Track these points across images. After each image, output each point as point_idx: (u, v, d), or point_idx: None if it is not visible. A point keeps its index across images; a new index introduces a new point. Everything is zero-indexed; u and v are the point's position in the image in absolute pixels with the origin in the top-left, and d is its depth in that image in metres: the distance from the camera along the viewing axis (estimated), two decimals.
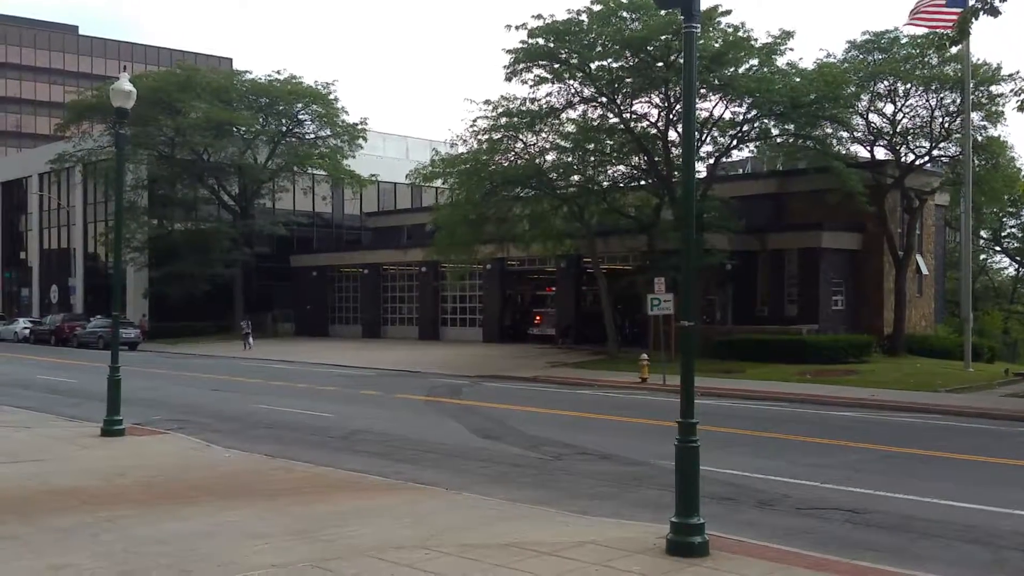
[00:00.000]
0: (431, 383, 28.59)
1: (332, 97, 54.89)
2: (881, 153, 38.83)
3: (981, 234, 59.98)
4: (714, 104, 34.89)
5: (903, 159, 37.77)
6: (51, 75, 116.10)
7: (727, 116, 35.47)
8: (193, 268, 51.89)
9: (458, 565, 8.07)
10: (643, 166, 37.12)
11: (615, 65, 34.46)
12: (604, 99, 35.54)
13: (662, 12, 31.82)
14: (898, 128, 37.34)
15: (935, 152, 37.53)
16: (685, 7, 8.73)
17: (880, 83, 36.49)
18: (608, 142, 36.59)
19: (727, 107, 35.07)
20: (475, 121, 37.18)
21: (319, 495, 11.31)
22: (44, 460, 13.86)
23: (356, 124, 55.67)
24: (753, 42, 33.45)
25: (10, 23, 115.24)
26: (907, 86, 36.14)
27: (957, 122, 35.23)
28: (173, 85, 53.15)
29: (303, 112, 55.67)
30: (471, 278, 47.36)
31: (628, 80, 34.57)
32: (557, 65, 34.91)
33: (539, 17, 33.79)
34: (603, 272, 39.04)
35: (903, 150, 37.86)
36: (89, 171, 58.32)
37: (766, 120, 35.83)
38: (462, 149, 38.73)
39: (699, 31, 9.11)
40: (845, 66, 36.27)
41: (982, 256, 63.38)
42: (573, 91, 36.04)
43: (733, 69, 33.41)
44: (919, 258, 41.18)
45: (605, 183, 38.35)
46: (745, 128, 36.18)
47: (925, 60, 35.30)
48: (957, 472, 14.07)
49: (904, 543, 9.62)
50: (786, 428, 18.65)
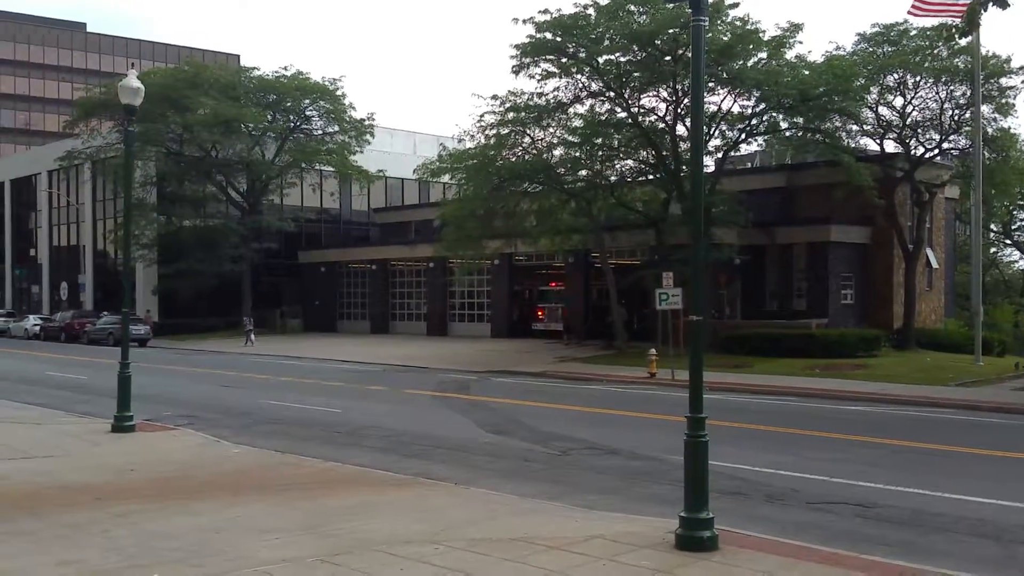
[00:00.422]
0: (439, 378, 28.62)
1: (339, 93, 54.86)
2: (891, 146, 38.64)
3: (991, 227, 59.76)
4: (722, 98, 34.78)
5: (913, 152, 37.57)
6: (59, 72, 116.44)
7: (735, 110, 35.35)
8: (202, 265, 52.00)
9: (467, 559, 8.07)
10: (651, 160, 37.02)
11: (623, 59, 34.35)
12: (612, 93, 35.46)
13: (669, 5, 31.78)
14: (908, 121, 37.13)
15: (945, 145, 37.35)
16: (693, 0, 8.69)
17: (889, 76, 36.27)
18: (616, 136, 36.49)
19: (735, 101, 34.95)
20: (482, 116, 37.18)
21: (328, 490, 11.34)
22: (55, 456, 13.92)
23: (363, 120, 55.64)
24: (761, 35, 33.28)
25: (19, 21, 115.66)
26: (917, 78, 35.94)
27: (967, 115, 35.08)
28: (181, 82, 53.17)
29: (311, 108, 55.65)
30: (479, 273, 47.38)
31: (636, 74, 34.46)
32: (564, 59, 34.83)
33: (546, 11, 33.71)
34: (611, 267, 38.99)
35: (913, 143, 37.67)
36: (98, 168, 58.55)
37: (775, 113, 35.67)
38: (469, 144, 38.67)
39: (707, 24, 9.08)
40: (854, 59, 36.02)
41: (992, 249, 63.13)
42: (581, 85, 35.97)
43: (741, 62, 33.25)
44: (929, 252, 41.00)
45: (613, 178, 38.33)
46: (754, 122, 36.03)
47: (935, 52, 35.12)
48: (967, 467, 14.03)
49: (914, 538, 9.59)
50: (795, 423, 18.60)
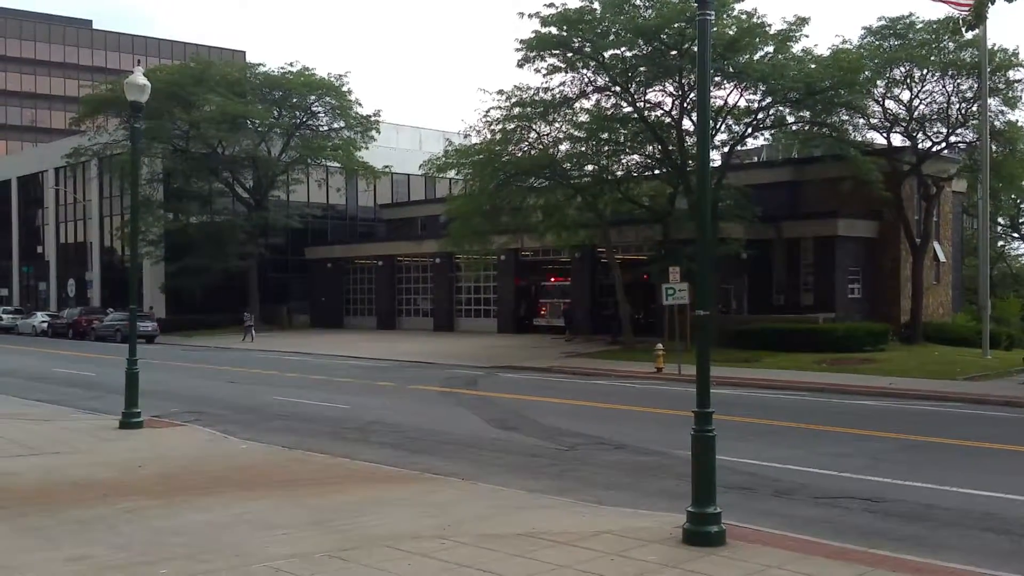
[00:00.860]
0: (446, 374, 28.62)
1: (345, 89, 54.88)
2: (897, 140, 38.55)
3: (999, 220, 59.50)
4: (728, 92, 34.67)
5: (920, 146, 37.43)
6: (65, 69, 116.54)
7: (742, 104, 35.26)
8: (208, 261, 52.10)
9: (475, 555, 8.07)
10: (657, 155, 36.93)
11: (628, 54, 34.24)
12: (617, 88, 35.37)
13: (675, 0, 31.75)
14: (914, 114, 37.01)
15: (952, 138, 37.22)
16: None
17: (896, 69, 36.14)
18: (622, 131, 36.42)
19: (742, 95, 34.85)
20: (488, 111, 37.07)
21: (335, 486, 11.35)
22: (63, 452, 13.97)
23: (369, 116, 55.66)
24: (767, 29, 33.16)
25: (25, 18, 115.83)
26: (923, 72, 35.81)
27: (974, 108, 34.92)
28: (187, 79, 53.26)
29: (316, 104, 55.69)
30: (486, 269, 47.38)
31: (641, 69, 34.37)
32: (570, 54, 34.74)
33: (551, 5, 33.61)
34: (617, 262, 38.94)
35: (919, 136, 37.53)
36: (105, 165, 58.66)
37: (781, 107, 35.57)
38: (475, 140, 38.67)
39: (713, 18, 9.04)
40: (861, 52, 35.88)
41: (1000, 243, 62.89)
42: (586, 80, 35.88)
43: (748, 56, 33.14)
44: (936, 245, 40.87)
45: (619, 173, 38.22)
46: (760, 116, 35.95)
47: (941, 46, 34.95)
48: (976, 460, 13.99)
49: (923, 532, 9.57)
50: (803, 417, 18.57)
